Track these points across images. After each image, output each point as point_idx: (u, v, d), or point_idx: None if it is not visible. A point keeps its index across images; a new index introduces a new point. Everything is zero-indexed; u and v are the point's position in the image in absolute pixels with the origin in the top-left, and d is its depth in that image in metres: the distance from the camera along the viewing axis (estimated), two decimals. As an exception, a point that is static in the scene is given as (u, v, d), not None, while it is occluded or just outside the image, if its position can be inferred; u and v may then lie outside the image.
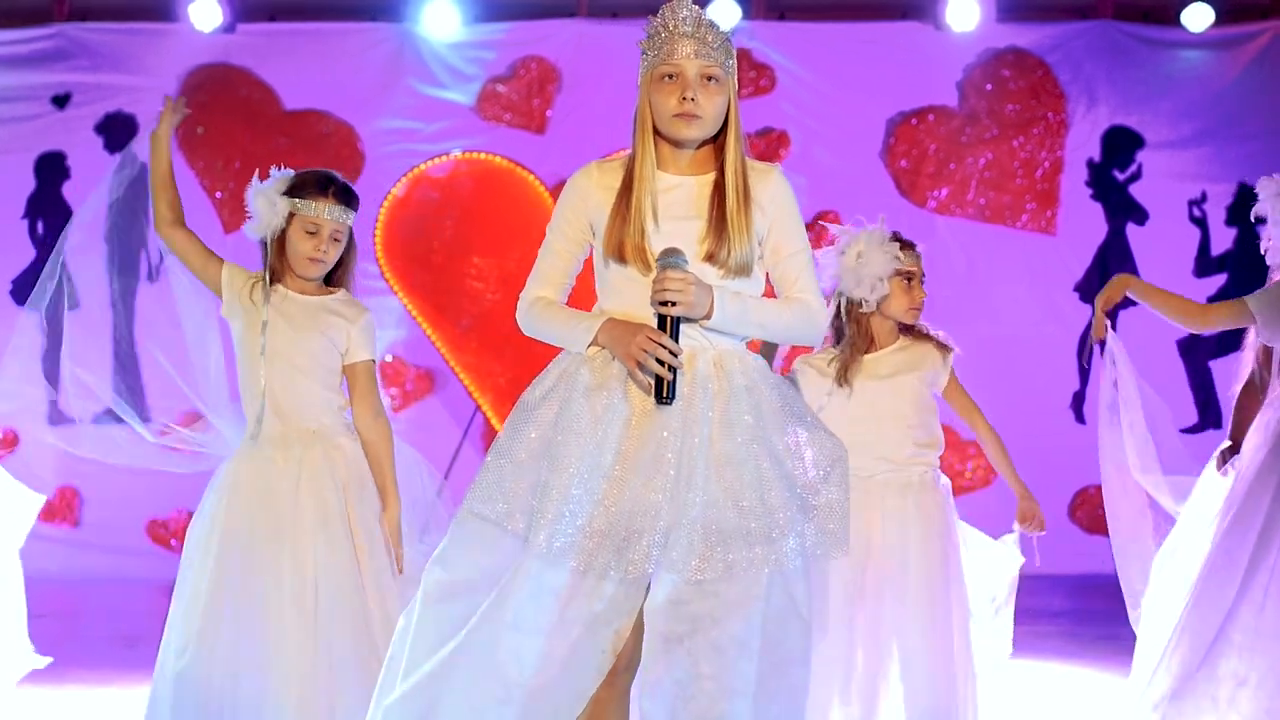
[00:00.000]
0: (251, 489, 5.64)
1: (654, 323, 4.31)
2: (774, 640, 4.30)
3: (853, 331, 5.98)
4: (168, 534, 12.06)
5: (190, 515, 12.33)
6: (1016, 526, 6.18)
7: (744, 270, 4.43)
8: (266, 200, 5.79)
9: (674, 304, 4.27)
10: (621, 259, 4.40)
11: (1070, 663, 8.58)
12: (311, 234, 5.70)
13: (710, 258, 4.39)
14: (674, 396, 4.27)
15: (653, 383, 4.28)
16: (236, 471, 5.72)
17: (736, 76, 4.48)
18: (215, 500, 5.73)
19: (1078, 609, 10.79)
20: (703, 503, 4.24)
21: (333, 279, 5.85)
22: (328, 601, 5.48)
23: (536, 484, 4.29)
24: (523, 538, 4.28)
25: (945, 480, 6.05)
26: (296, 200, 5.73)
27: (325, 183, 5.76)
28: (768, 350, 5.47)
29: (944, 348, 6.07)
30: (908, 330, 6.05)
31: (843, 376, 5.94)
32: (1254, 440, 5.97)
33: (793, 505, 4.32)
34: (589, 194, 4.49)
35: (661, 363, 4.25)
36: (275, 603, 5.48)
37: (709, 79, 4.37)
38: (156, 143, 5.99)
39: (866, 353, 5.98)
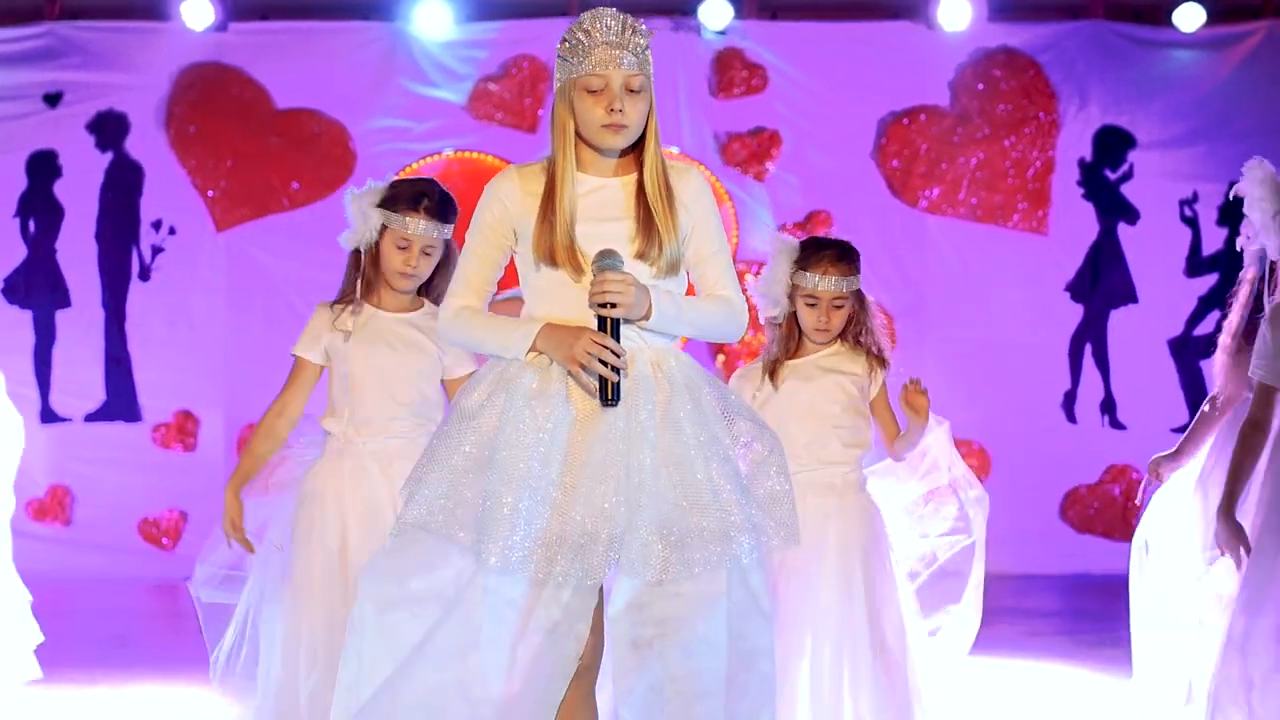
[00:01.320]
0: (352, 502, 5.56)
1: (592, 324, 4.32)
2: (738, 635, 4.31)
3: (776, 333, 5.99)
4: (159, 533, 12.05)
5: (181, 514, 12.33)
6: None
7: (674, 268, 4.47)
8: (359, 211, 5.66)
9: (614, 305, 4.27)
10: (552, 263, 4.40)
11: (1062, 663, 8.58)
12: (403, 249, 5.60)
13: (641, 256, 4.41)
14: (619, 398, 4.28)
15: (597, 385, 4.29)
16: (331, 485, 5.61)
17: (653, 76, 4.47)
18: (311, 515, 5.61)
19: (1070, 609, 10.79)
20: (655, 503, 4.25)
21: (428, 289, 5.75)
22: None
23: (481, 495, 4.26)
24: (470, 550, 4.25)
25: (870, 478, 6.05)
26: (389, 213, 5.62)
27: (419, 197, 5.65)
28: None
29: (879, 360, 6.02)
30: (846, 337, 6.01)
31: (769, 375, 5.95)
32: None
33: (744, 499, 4.34)
34: (511, 199, 4.48)
35: (606, 364, 4.26)
36: None
37: (632, 89, 4.38)
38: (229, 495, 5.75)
39: (795, 355, 5.98)
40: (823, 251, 5.91)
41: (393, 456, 5.56)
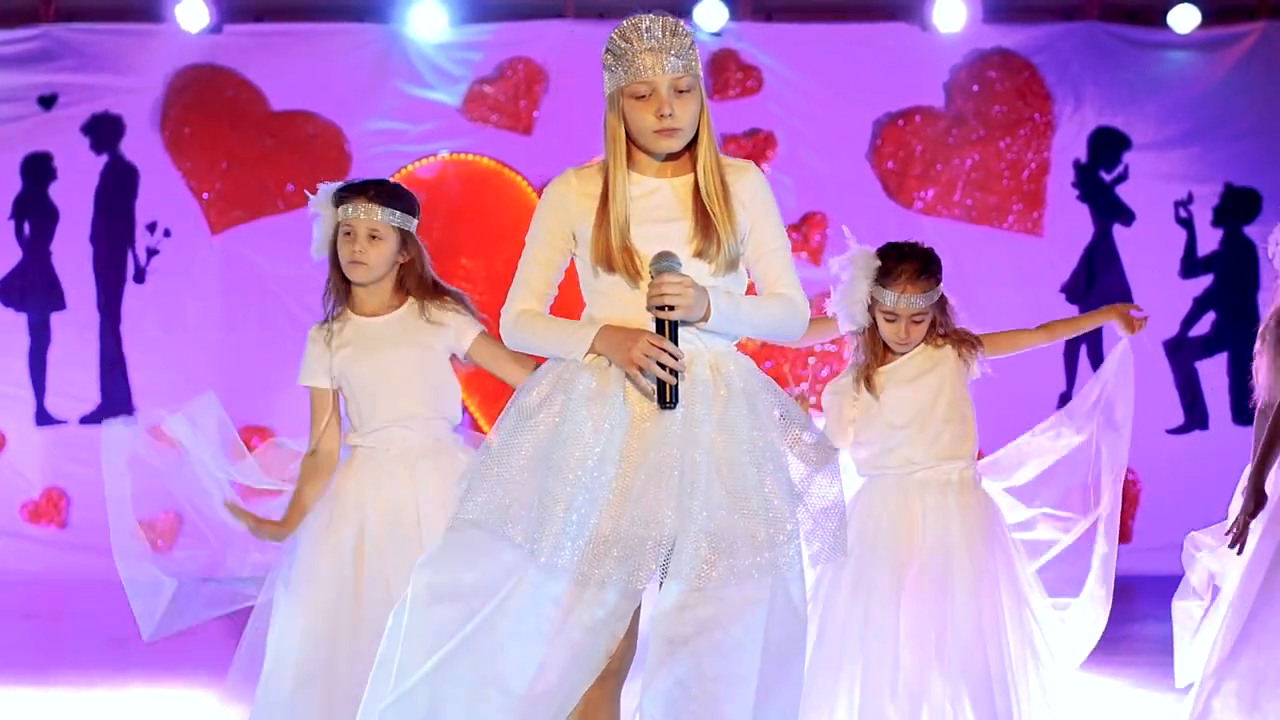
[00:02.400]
0: (374, 503, 5.53)
1: (650, 327, 4.32)
2: (775, 640, 4.32)
3: (859, 344, 5.98)
4: (155, 535, 12.02)
5: (176, 517, 12.36)
6: (1125, 347, 6.32)
7: (733, 265, 4.46)
8: (317, 216, 5.67)
9: (672, 308, 4.27)
10: (610, 268, 4.40)
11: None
12: (347, 235, 5.57)
13: (700, 255, 4.40)
14: (677, 401, 4.28)
15: (655, 388, 4.28)
16: (352, 487, 5.59)
17: (702, 74, 4.47)
18: (332, 513, 5.58)
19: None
20: (706, 509, 4.25)
21: (404, 288, 5.69)
22: None
23: (536, 494, 4.28)
24: (521, 548, 4.26)
25: (990, 484, 6.06)
26: (338, 207, 5.61)
27: (364, 184, 5.65)
28: None
29: (966, 342, 6.03)
30: (929, 339, 6.00)
31: (867, 386, 5.93)
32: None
33: (795, 508, 4.35)
34: (569, 202, 4.49)
35: (664, 367, 4.25)
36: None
37: (680, 90, 4.38)
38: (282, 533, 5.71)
39: (884, 362, 5.96)
40: (901, 266, 5.89)
41: (416, 457, 5.55)
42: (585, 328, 4.42)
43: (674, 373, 4.26)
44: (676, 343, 4.28)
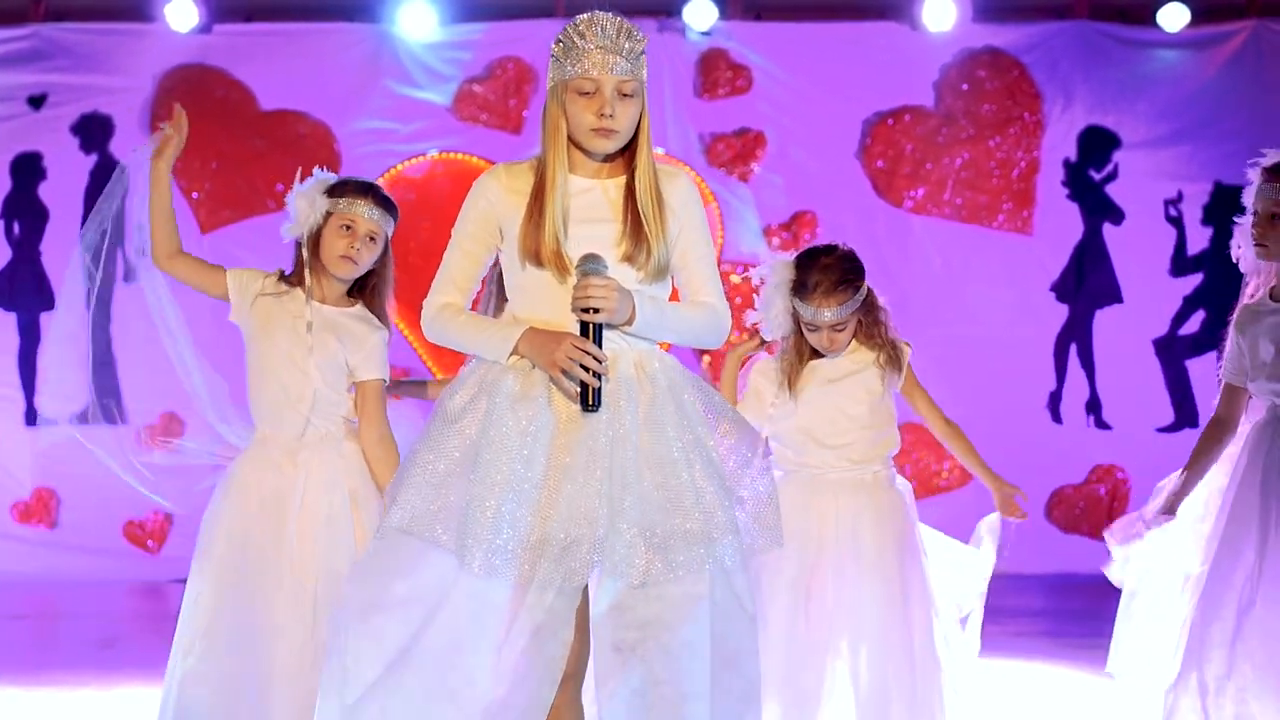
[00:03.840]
0: (257, 491, 5.63)
1: (574, 329, 4.32)
2: (722, 637, 4.32)
3: (788, 344, 5.95)
4: (144, 535, 12.03)
5: (166, 516, 12.32)
6: (996, 519, 6.12)
7: (661, 273, 4.47)
8: (307, 199, 5.77)
9: (598, 310, 4.27)
10: (538, 263, 4.40)
11: (1047, 662, 8.59)
12: (347, 230, 5.67)
13: (628, 259, 4.41)
14: (600, 404, 4.29)
15: (578, 390, 4.29)
16: (244, 473, 5.70)
17: (646, 81, 4.47)
18: (221, 502, 5.71)
19: (1054, 609, 10.81)
20: (638, 505, 4.25)
21: (363, 295, 5.84)
22: (327, 605, 5.46)
23: (463, 500, 4.26)
24: (452, 553, 4.25)
25: (904, 482, 6.04)
26: (337, 200, 5.71)
27: (367, 187, 5.77)
28: None
29: (897, 353, 5.98)
30: (858, 338, 5.99)
31: (788, 385, 5.92)
32: (1234, 449, 5.95)
33: (727, 501, 4.35)
34: (498, 198, 4.50)
35: (587, 370, 4.26)
36: (279, 613, 5.47)
37: (625, 93, 4.38)
38: (158, 172, 5.94)
39: (812, 358, 5.95)
40: (817, 279, 5.78)
41: (298, 444, 5.66)
42: (509, 328, 4.42)
43: (597, 376, 4.27)
44: (600, 345, 4.29)
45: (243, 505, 5.63)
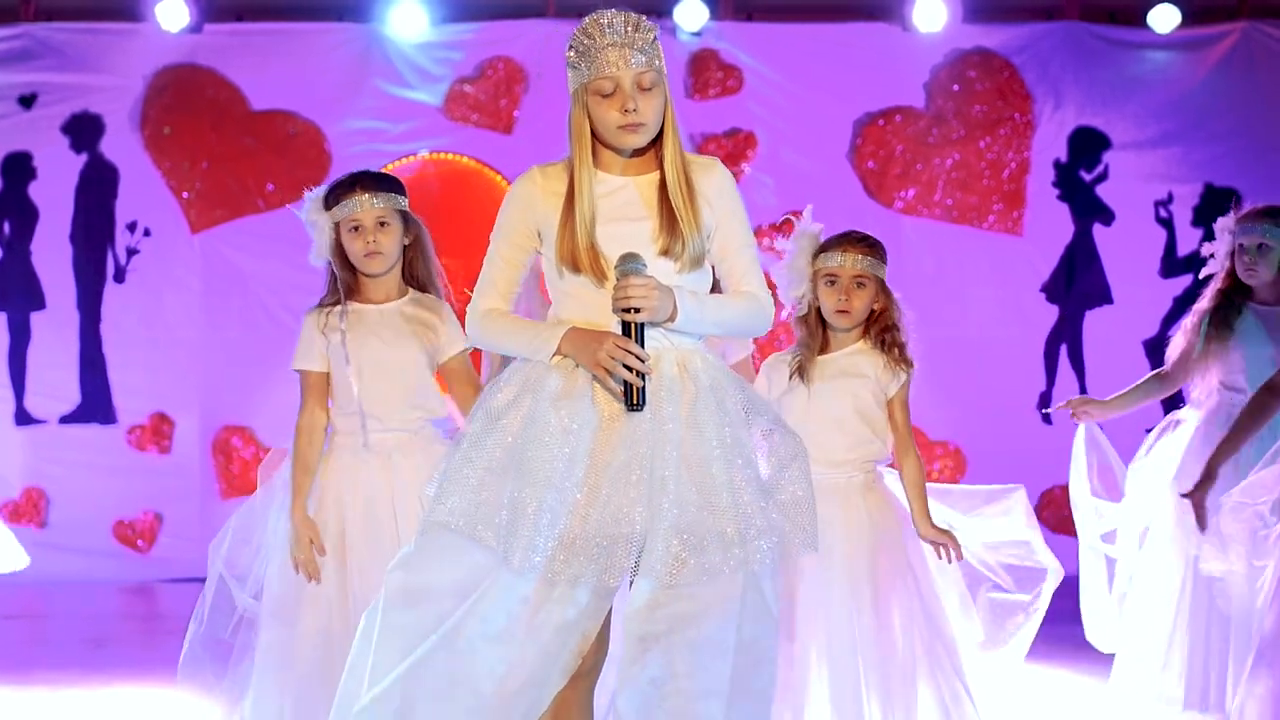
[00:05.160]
0: (349, 493, 5.60)
1: (615, 328, 4.32)
2: (748, 639, 4.32)
3: (803, 333, 5.96)
4: (134, 535, 12.02)
5: (156, 516, 12.30)
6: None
7: (698, 263, 4.46)
8: (312, 224, 5.73)
9: (638, 310, 4.27)
10: (575, 268, 4.40)
11: (1037, 663, 8.57)
12: (357, 230, 5.64)
13: (666, 253, 4.40)
14: (644, 403, 4.28)
15: (622, 390, 4.28)
16: (336, 485, 5.65)
17: (666, 70, 4.47)
18: (317, 510, 5.64)
19: (1045, 609, 10.78)
20: (676, 506, 4.25)
21: (412, 278, 5.83)
22: None
23: (506, 497, 4.28)
24: (493, 551, 4.27)
25: (891, 475, 6.01)
26: (334, 208, 5.68)
27: (352, 180, 5.73)
28: None
29: (901, 361, 6.00)
30: (870, 334, 5.99)
31: (800, 374, 5.92)
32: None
33: (764, 503, 4.34)
34: (534, 200, 4.49)
35: (630, 369, 4.26)
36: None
37: (644, 86, 4.37)
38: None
39: (822, 353, 5.95)
40: (846, 235, 5.91)
41: (391, 449, 5.62)
42: (552, 329, 4.42)
43: (640, 374, 4.27)
44: (643, 344, 4.29)
45: (337, 519, 5.59)
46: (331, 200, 5.70)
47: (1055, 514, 12.02)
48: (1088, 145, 12.45)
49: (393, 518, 5.54)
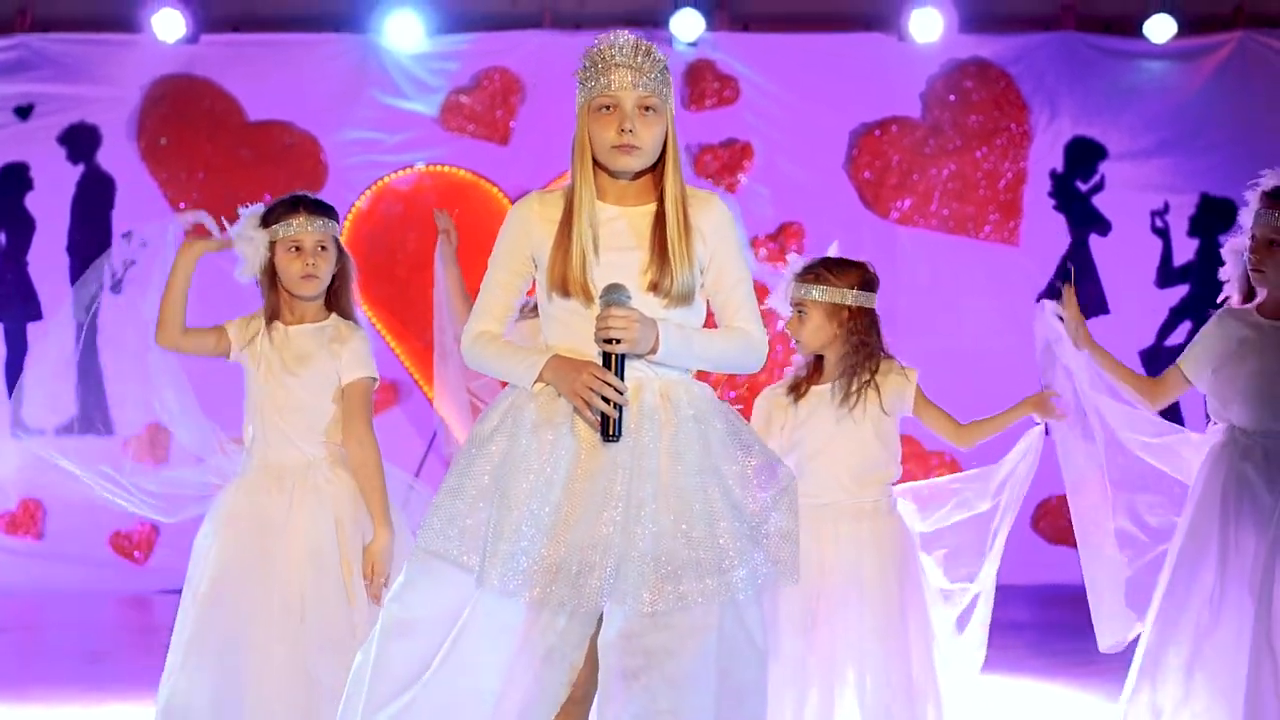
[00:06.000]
0: (246, 519, 5.65)
1: (599, 358, 4.32)
2: (728, 671, 4.31)
3: (802, 361, 6.02)
4: (131, 546, 12.02)
5: (153, 527, 12.30)
6: (1036, 433, 6.43)
7: (686, 299, 4.45)
8: (245, 239, 5.82)
9: (618, 341, 4.27)
10: (565, 293, 4.41)
11: (1034, 677, 8.58)
12: (297, 251, 5.70)
13: (654, 288, 4.40)
14: (620, 434, 4.29)
15: (599, 420, 4.29)
16: (233, 501, 5.73)
17: (673, 105, 4.48)
18: (210, 529, 5.74)
19: (1041, 621, 10.81)
20: (653, 534, 4.25)
21: (331, 301, 5.86)
22: (316, 634, 5.48)
23: (488, 521, 4.29)
24: (474, 574, 4.28)
25: (906, 505, 6.05)
26: (274, 226, 5.75)
27: (295, 201, 5.80)
28: None
29: (901, 371, 6.02)
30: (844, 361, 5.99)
31: (796, 394, 5.95)
32: (1200, 470, 6.01)
33: (743, 535, 4.33)
34: (530, 226, 4.50)
35: (607, 400, 4.26)
36: (262, 635, 5.48)
37: (646, 109, 4.38)
38: (186, 257, 6.00)
39: (816, 382, 5.97)
40: (814, 261, 5.97)
41: (285, 471, 5.68)
42: (536, 356, 4.43)
43: (617, 407, 4.27)
44: (623, 376, 4.29)
45: (232, 534, 5.65)
46: (272, 219, 5.79)
47: (1052, 525, 12.03)
48: (1084, 155, 12.46)
49: (287, 541, 5.59)
